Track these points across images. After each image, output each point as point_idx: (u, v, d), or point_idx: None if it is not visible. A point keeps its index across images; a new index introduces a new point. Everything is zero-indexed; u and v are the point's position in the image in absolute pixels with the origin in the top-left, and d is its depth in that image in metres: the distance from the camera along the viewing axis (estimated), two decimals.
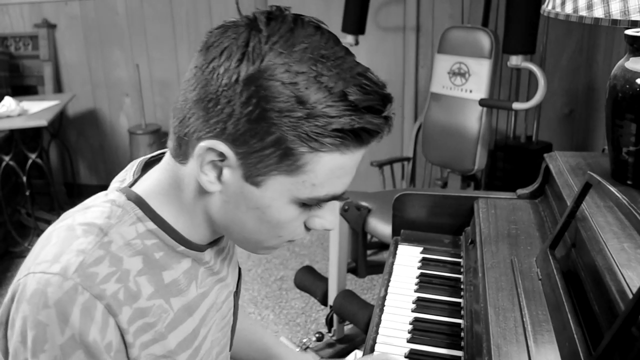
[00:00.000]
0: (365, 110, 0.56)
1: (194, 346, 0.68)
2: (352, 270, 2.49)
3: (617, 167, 1.00)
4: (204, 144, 0.58)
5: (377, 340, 0.94)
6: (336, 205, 0.64)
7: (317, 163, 0.57)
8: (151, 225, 0.63)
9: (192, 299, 0.67)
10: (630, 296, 0.64)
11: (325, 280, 2.17)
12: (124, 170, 0.71)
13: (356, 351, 0.94)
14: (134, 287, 0.60)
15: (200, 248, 0.68)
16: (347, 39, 2.51)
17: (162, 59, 3.09)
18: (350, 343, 2.07)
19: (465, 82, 2.26)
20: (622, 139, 0.97)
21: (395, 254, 1.19)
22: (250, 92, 0.54)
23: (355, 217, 2.06)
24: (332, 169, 0.58)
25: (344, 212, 2.04)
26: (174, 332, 0.64)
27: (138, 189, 0.65)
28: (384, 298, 1.05)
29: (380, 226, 2.03)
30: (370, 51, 2.93)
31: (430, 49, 2.79)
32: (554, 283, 0.81)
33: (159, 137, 3.03)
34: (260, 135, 0.56)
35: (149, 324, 0.61)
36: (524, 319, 0.77)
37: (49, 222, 3.25)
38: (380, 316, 1.00)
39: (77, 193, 3.26)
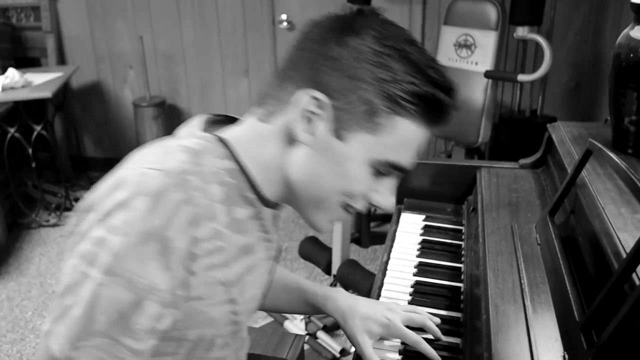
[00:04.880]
0: (440, 89, 0.65)
1: (240, 289, 0.70)
2: (356, 240, 2.51)
3: (618, 136, 1.01)
4: (307, 91, 0.64)
5: None
6: (395, 188, 0.71)
7: (395, 127, 0.65)
8: (231, 165, 0.68)
9: (246, 244, 0.71)
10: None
11: (329, 250, 2.20)
12: (184, 125, 0.74)
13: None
14: (212, 209, 0.64)
15: (266, 203, 0.72)
16: None
17: (166, 30, 3.07)
18: None
19: (471, 54, 2.25)
20: (624, 108, 0.97)
21: (398, 221, 1.21)
22: (350, 53, 0.64)
23: None
24: (405, 137, 0.66)
25: None
26: (235, 264, 0.68)
27: (222, 134, 0.70)
28: (386, 263, 1.07)
29: None
30: None
31: (437, 20, 2.77)
32: (552, 247, 0.83)
33: (163, 110, 3.03)
34: (353, 91, 0.64)
35: (221, 248, 0.65)
36: (522, 281, 0.79)
37: (55, 194, 3.22)
38: (382, 280, 1.02)
39: (82, 166, 3.29)
